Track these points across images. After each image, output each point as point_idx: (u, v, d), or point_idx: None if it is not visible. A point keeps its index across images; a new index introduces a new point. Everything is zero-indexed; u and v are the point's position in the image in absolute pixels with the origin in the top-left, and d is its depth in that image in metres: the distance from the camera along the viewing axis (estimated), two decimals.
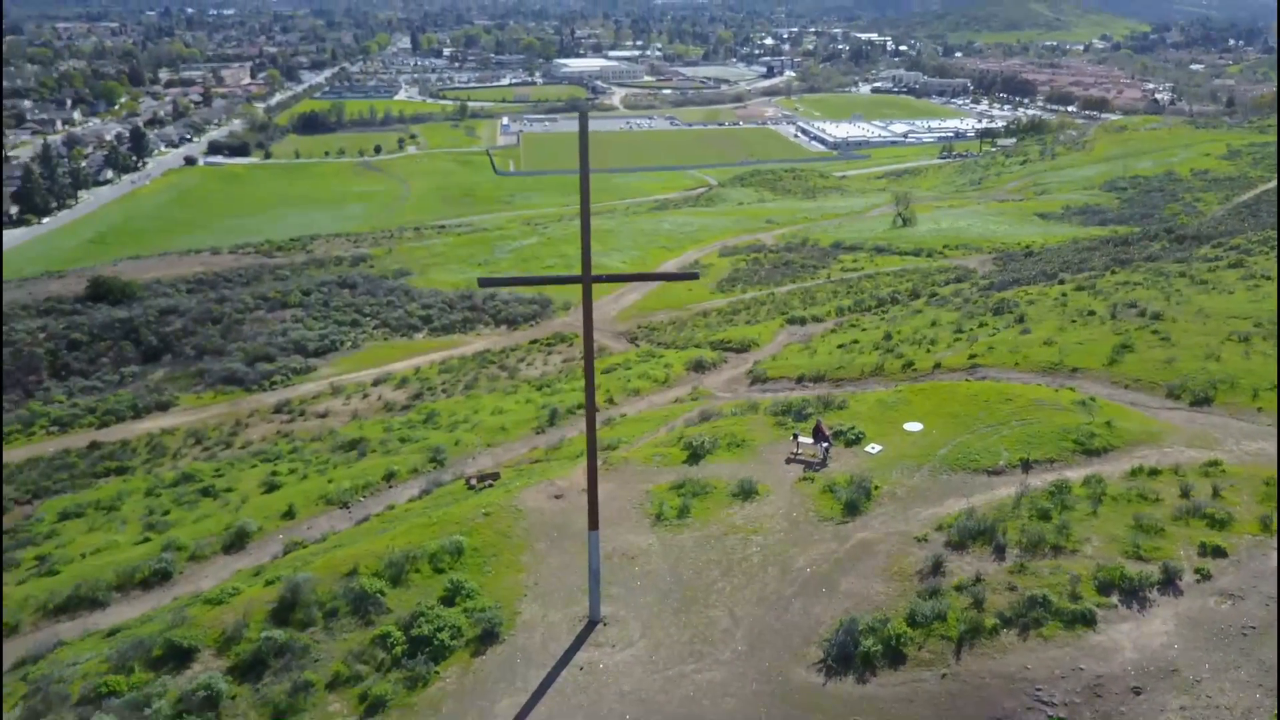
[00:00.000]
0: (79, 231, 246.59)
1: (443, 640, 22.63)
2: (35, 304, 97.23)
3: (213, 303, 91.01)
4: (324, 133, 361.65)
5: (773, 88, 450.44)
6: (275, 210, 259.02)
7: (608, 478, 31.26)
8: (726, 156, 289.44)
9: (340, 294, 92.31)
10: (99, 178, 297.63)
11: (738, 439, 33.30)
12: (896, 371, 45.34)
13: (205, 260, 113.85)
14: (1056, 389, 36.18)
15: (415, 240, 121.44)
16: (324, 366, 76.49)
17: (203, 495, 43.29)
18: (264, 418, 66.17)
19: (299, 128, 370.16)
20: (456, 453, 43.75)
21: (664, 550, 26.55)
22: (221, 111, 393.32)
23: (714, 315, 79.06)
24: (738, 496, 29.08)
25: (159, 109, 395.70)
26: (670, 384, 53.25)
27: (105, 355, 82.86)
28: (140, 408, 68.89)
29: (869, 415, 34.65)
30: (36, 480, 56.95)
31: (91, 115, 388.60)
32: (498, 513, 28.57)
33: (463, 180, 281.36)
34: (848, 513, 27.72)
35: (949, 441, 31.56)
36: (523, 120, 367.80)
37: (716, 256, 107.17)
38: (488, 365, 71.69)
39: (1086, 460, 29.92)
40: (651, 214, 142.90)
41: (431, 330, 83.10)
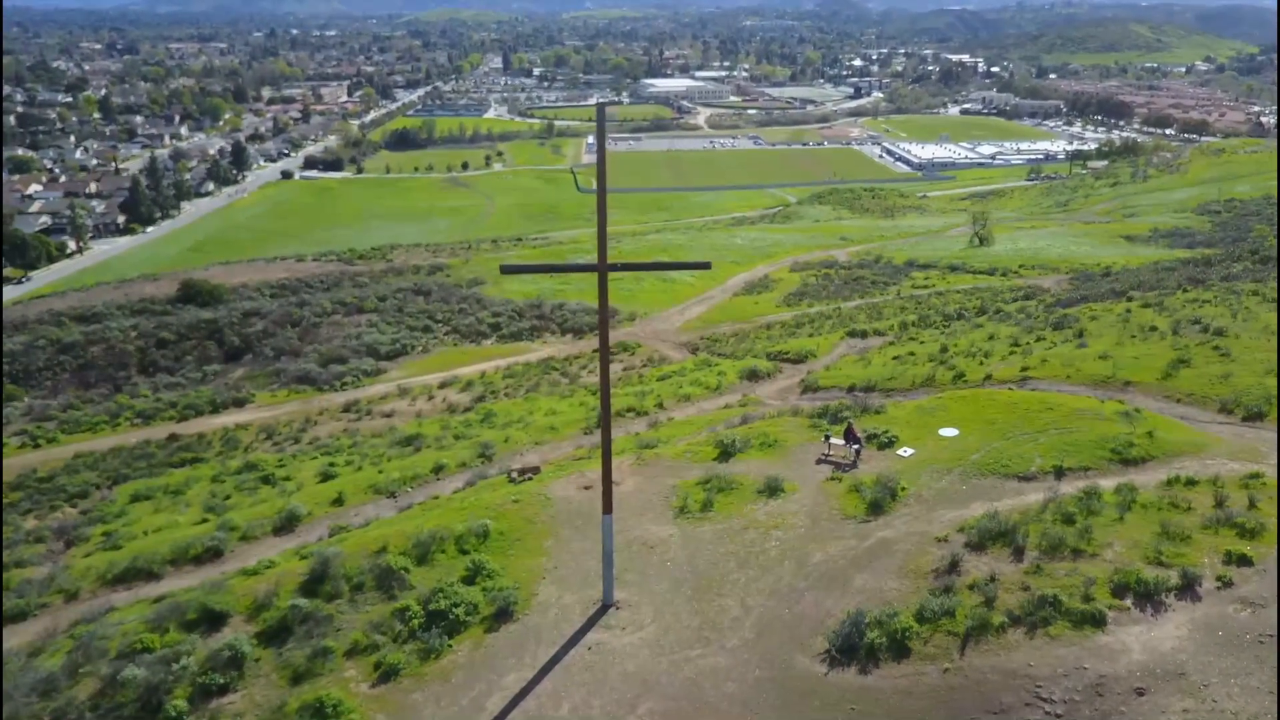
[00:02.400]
0: (180, 240, 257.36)
1: (458, 616, 23.38)
2: (130, 304, 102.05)
3: (293, 306, 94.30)
4: (415, 149, 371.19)
5: (859, 109, 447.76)
6: (364, 223, 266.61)
7: (638, 472, 31.77)
8: (808, 176, 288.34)
9: (414, 300, 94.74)
10: (200, 190, 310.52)
11: (770, 439, 33.50)
12: (947, 383, 44.89)
13: (290, 266, 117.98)
14: (1103, 400, 35.51)
15: (492, 252, 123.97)
16: (394, 369, 78.54)
17: (263, 483, 45.07)
18: (333, 416, 68.26)
19: (391, 144, 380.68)
20: (505, 449, 44.72)
21: (683, 541, 26.92)
22: (318, 128, 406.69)
23: (778, 328, 79.01)
24: (763, 493, 29.30)
25: (260, 125, 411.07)
26: (722, 391, 53.53)
27: (190, 354, 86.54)
28: (218, 403, 71.62)
29: (905, 420, 34.52)
30: (117, 467, 59.71)
31: (197, 130, 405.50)
32: (527, 500, 29.31)
33: (546, 197, 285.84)
34: (871, 512, 27.73)
35: (983, 447, 31.28)
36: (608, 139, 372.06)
37: (787, 271, 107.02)
38: (550, 371, 72.80)
39: (1122, 469, 29.37)
40: (726, 229, 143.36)
41: (500, 337, 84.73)
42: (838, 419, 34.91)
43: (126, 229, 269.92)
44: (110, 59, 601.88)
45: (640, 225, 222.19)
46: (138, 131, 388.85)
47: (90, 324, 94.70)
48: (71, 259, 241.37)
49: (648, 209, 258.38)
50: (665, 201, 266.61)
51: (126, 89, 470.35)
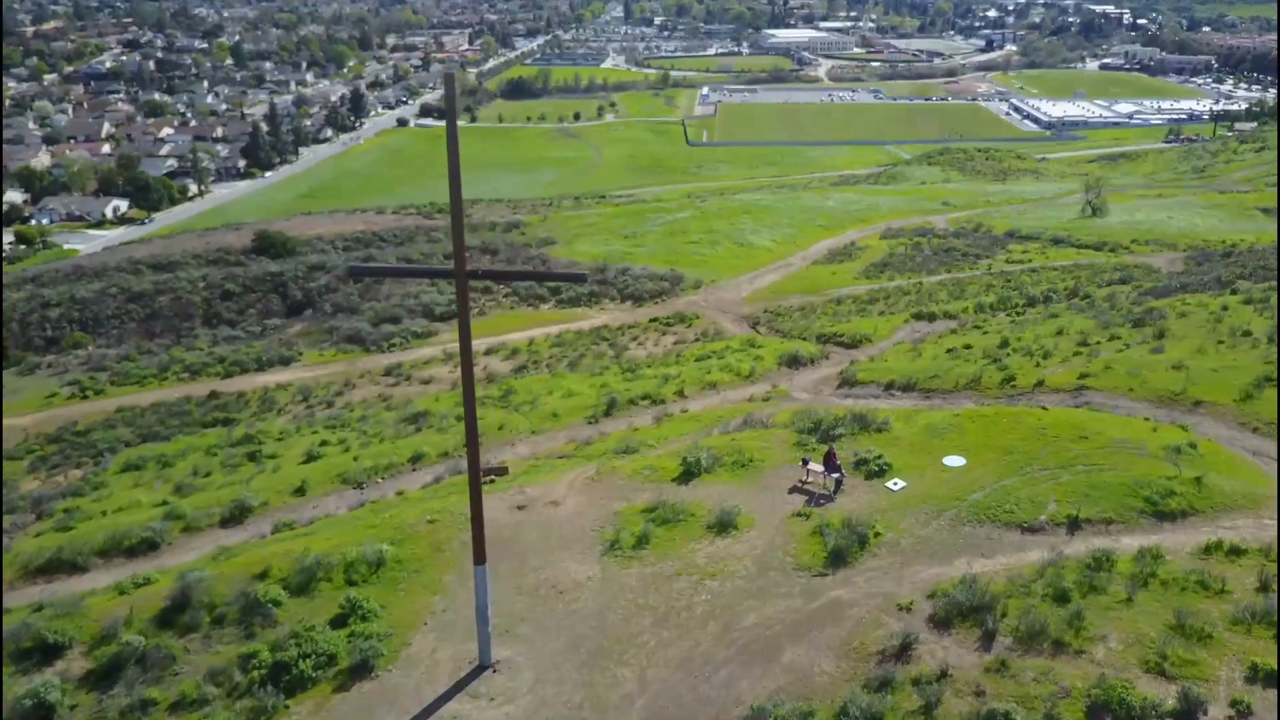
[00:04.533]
0: (294, 186, 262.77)
1: (304, 671, 20.12)
2: (206, 254, 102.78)
3: (358, 261, 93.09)
4: (529, 98, 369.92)
5: (989, 62, 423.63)
6: (472, 172, 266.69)
7: (585, 490, 27.90)
8: (928, 133, 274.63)
9: (480, 260, 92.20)
10: (319, 136, 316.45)
11: (746, 458, 29.09)
12: (994, 386, 39.37)
13: (368, 219, 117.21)
14: (1156, 427, 29.70)
15: (572, 210, 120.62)
16: (446, 331, 76.23)
17: (249, 459, 43.02)
18: (372, 380, 66.41)
19: (506, 93, 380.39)
20: (498, 437, 41.47)
21: (601, 586, 23.03)
22: (436, 76, 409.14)
23: (848, 303, 73.38)
24: (712, 529, 25.08)
25: (381, 73, 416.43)
26: (755, 379, 48.95)
27: (254, 306, 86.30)
28: (263, 361, 70.60)
29: (908, 442, 29.54)
30: (152, 424, 59.07)
31: (322, 77, 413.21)
32: (443, 521, 25.84)
33: (654, 149, 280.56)
34: (831, 563, 23.25)
35: (990, 484, 26.21)
36: (722, 90, 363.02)
37: (877, 238, 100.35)
38: (600, 342, 69.27)
39: (1154, 525, 23.98)
40: (820, 190, 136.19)
41: (558, 302, 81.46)
42: (831, 436, 30.15)
43: (246, 173, 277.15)
44: (247, 5, 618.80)
45: (743, 180, 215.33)
46: (266, 78, 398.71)
47: (164, 273, 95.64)
48: (192, 201, 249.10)
49: (756, 163, 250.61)
50: (775, 156, 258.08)
51: (259, 35, 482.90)
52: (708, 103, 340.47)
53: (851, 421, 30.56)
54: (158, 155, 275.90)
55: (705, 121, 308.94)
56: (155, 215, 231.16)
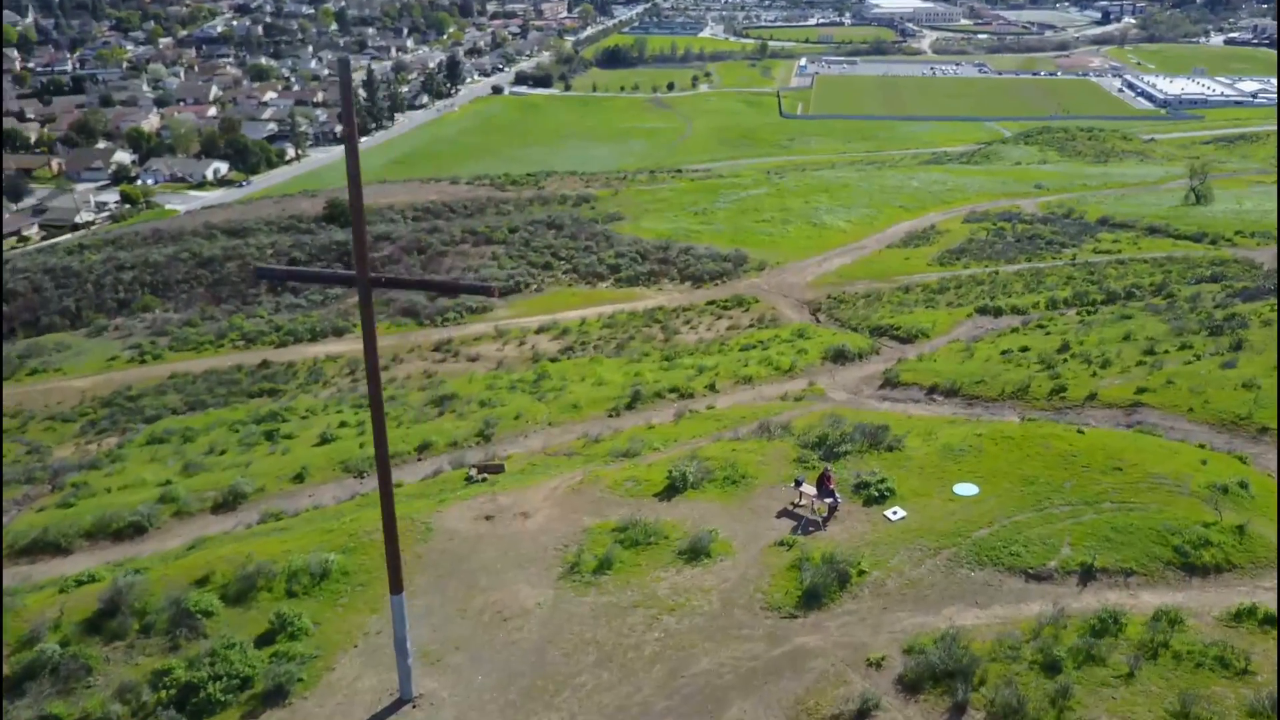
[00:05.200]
0: (387, 152, 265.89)
1: (212, 694, 18.83)
2: (279, 221, 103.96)
3: (424, 232, 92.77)
4: (624, 67, 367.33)
5: (1105, 35, 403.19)
6: (561, 142, 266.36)
7: (562, 502, 26.07)
8: (1033, 109, 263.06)
9: (544, 235, 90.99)
10: (414, 102, 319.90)
11: (738, 473, 26.80)
12: (1041, 397, 36.15)
13: (442, 189, 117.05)
14: (1205, 458, 26.36)
15: (646, 184, 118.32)
16: (501, 307, 75.24)
17: (266, 438, 42.44)
18: (420, 355, 65.94)
19: (602, 62, 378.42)
20: (513, 428, 39.94)
21: (549, 615, 21.22)
22: (534, 43, 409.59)
23: (916, 292, 69.74)
24: (683, 555, 22.99)
25: (479, 40, 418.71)
26: (794, 374, 46.34)
27: None
28: (317, 332, 70.72)
29: (920, 464, 26.83)
30: (201, 392, 59.55)
31: (422, 43, 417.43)
32: (402, 529, 24.22)
33: (746, 121, 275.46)
34: (804, 603, 20.97)
35: (1000, 519, 23.48)
36: (820, 62, 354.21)
37: (959, 222, 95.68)
38: (652, 324, 67.40)
39: (1181, 580, 21.02)
40: (905, 169, 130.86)
41: (617, 280, 79.71)
42: (835, 454, 27.61)
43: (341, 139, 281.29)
44: None
45: (834, 155, 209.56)
46: (368, 43, 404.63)
47: (236, 239, 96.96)
48: (289, 165, 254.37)
49: (850, 138, 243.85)
50: (871, 131, 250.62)
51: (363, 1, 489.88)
52: (805, 74, 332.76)
53: (861, 437, 27.97)
54: (260, 119, 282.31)
55: (801, 93, 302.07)
56: (253, 178, 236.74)
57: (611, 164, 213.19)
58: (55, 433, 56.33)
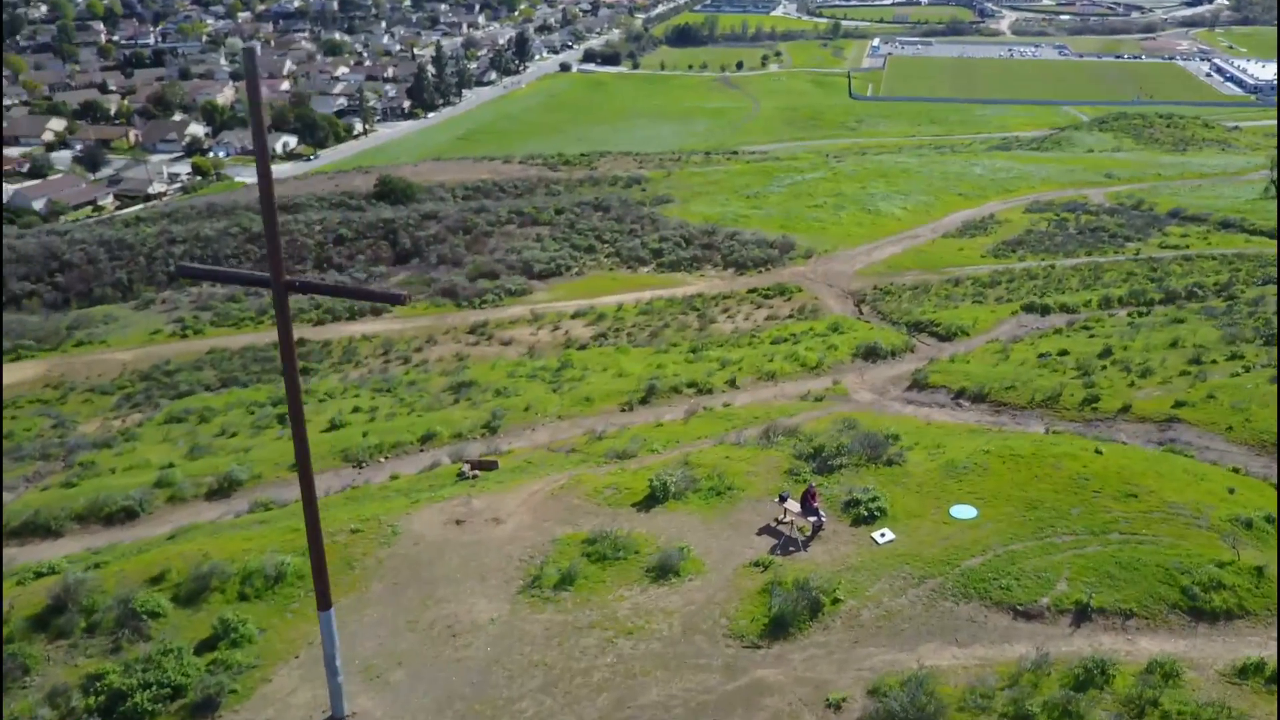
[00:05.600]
0: (453, 128, 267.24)
1: (140, 703, 18.19)
2: (330, 197, 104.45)
3: (471, 212, 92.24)
4: (694, 46, 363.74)
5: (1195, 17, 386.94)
6: (625, 121, 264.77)
7: (539, 508, 25.02)
8: (1113, 94, 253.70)
9: (590, 216, 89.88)
10: (482, 79, 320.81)
11: (725, 483, 25.43)
12: (1072, 406, 34.05)
13: (494, 168, 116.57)
14: (1233, 486, 24.25)
15: (700, 166, 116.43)
16: (541, 291, 74.50)
17: (279, 421, 42.18)
18: (454, 337, 65.46)
19: (671, 40, 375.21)
20: (520, 420, 39.06)
21: (502, 632, 20.21)
22: (604, 21, 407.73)
23: (965, 285, 67.18)
24: (651, 573, 21.77)
25: (550, 16, 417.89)
26: (820, 371, 44.65)
27: (364, 253, 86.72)
28: (355, 311, 70.62)
29: (919, 482, 25.14)
30: (235, 369, 59.82)
31: (493, 20, 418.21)
32: (368, 531, 23.54)
33: (814, 102, 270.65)
34: (770, 633, 19.63)
35: (996, 547, 21.80)
36: (894, 42, 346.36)
37: (1020, 211, 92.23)
38: (689, 312, 65.96)
39: (1185, 626, 19.18)
40: (969, 155, 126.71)
41: (658, 265, 78.28)
42: (829, 467, 26.04)
43: (410, 114, 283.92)
44: None
45: (902, 139, 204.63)
46: (440, 19, 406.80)
47: (287, 214, 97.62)
48: (356, 140, 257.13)
49: (919, 121, 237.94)
50: (941, 114, 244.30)
51: None
52: (877, 55, 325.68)
53: (859, 450, 26.35)
54: (330, 93, 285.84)
55: (872, 74, 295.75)
56: (321, 152, 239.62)
57: (675, 144, 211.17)
58: (93, 405, 56.98)
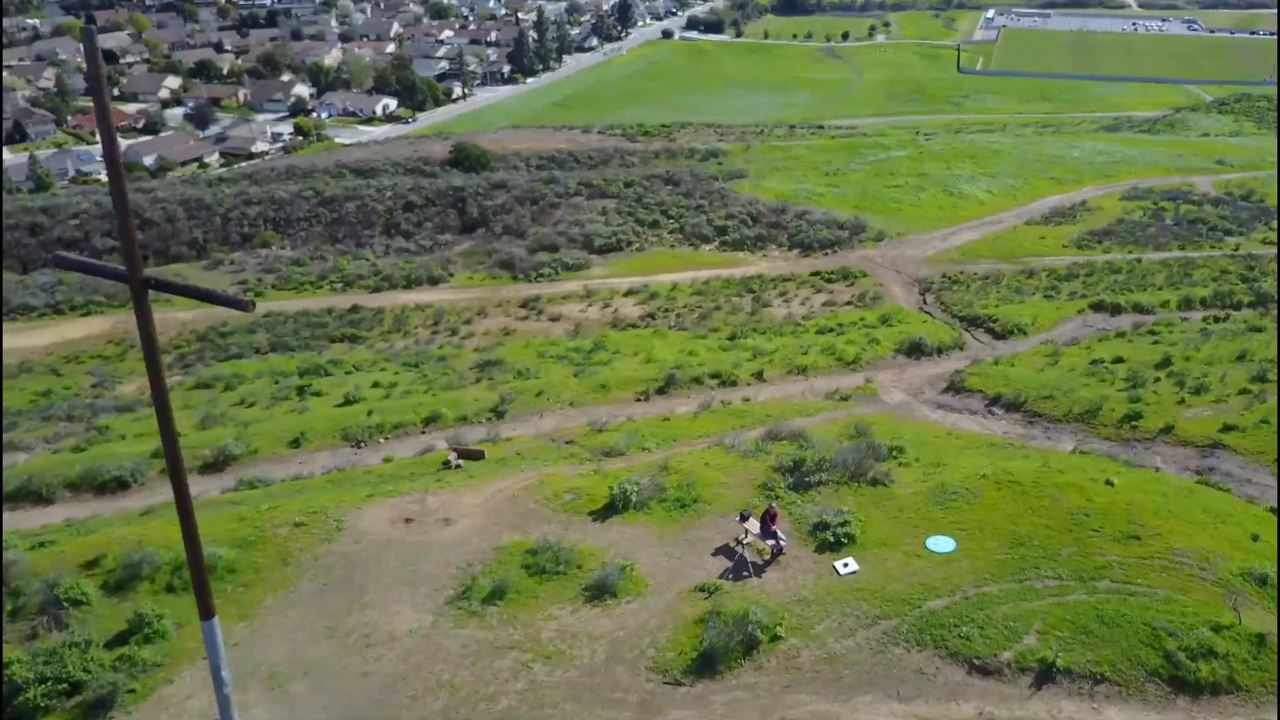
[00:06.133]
0: (550, 93, 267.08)
1: (33, 699, 17.72)
2: (406, 162, 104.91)
3: (540, 183, 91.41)
4: (801, 14, 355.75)
5: None
6: (723, 90, 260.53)
7: (495, 510, 23.84)
8: (1244, 73, 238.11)
9: (659, 190, 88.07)
10: (583, 44, 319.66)
11: (692, 494, 23.77)
12: (1111, 422, 31.25)
13: (571, 137, 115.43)
14: (1258, 534, 21.53)
15: (782, 140, 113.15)
16: (599, 266, 73.40)
17: (297, 393, 42.00)
18: (505, 310, 64.98)
19: (777, 8, 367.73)
20: (528, 406, 37.96)
21: (417, 646, 19.14)
22: None
23: (1040, 277, 63.35)
24: (588, 592, 20.37)
25: None
26: (857, 367, 42.35)
27: (431, 220, 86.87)
28: (411, 279, 70.78)
29: (900, 506, 23.05)
30: (287, 334, 60.49)
31: None
32: (312, 525, 22.73)
33: (919, 75, 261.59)
34: (697, 668, 18.08)
35: (966, 587, 19.71)
36: (1010, 14, 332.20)
37: (1115, 199, 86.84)
38: (745, 294, 64.01)
39: (1163, 699, 16.88)
40: (1070, 136, 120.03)
41: (722, 244, 76.21)
42: (805, 484, 24.09)
43: (510, 78, 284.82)
44: None
45: (1007, 115, 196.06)
46: None
47: (363, 179, 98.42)
48: (454, 104, 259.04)
49: (1029, 98, 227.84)
50: (1054, 90, 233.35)
51: None
52: (991, 27, 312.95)
53: (843, 465, 24.35)
54: (433, 56, 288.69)
55: (983, 47, 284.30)
56: (419, 115, 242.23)
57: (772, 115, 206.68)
58: None
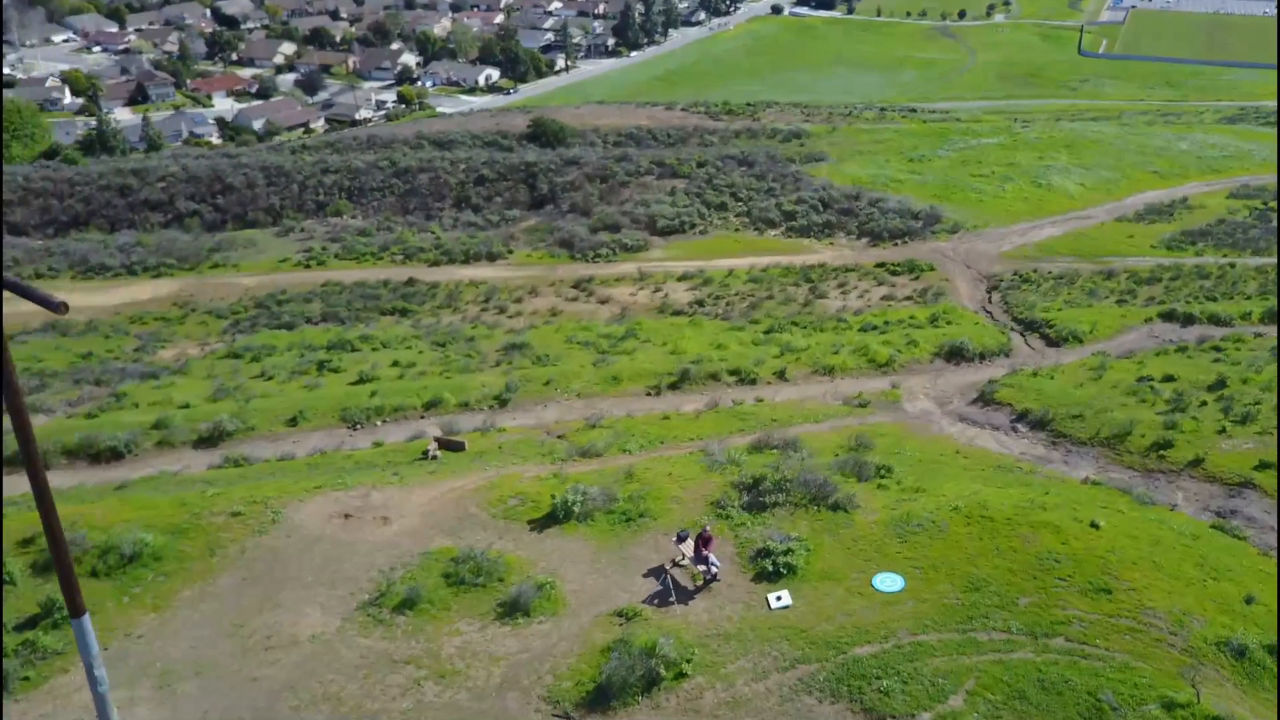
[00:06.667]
0: (653, 68, 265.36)
1: None
2: (485, 135, 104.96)
3: (612, 160, 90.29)
4: None
5: None
6: (828, 69, 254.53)
7: (431, 511, 23.01)
8: None
9: (732, 171, 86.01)
10: (690, 19, 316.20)
11: (639, 509, 22.44)
12: (1138, 449, 28.68)
13: (654, 114, 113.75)
14: (1251, 597, 19.12)
15: (870, 123, 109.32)
16: (658, 248, 72.26)
17: (316, 368, 42.01)
18: (557, 290, 64.55)
19: None
20: (533, 394, 37.13)
21: (316, 653, 18.47)
22: None
23: (1120, 279, 59.51)
24: (502, 608, 19.36)
25: None
26: (889, 370, 40.24)
27: (501, 195, 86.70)
28: (470, 255, 70.82)
29: (855, 536, 21.27)
30: (340, 304, 61.26)
31: None
32: (249, 515, 22.31)
33: (1036, 57, 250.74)
34: (589, 702, 16.94)
35: (902, 633, 17.98)
36: None
37: (1221, 196, 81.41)
38: (802, 284, 62.03)
39: None
40: (1183, 126, 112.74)
41: (788, 229, 74.02)
42: (759, 504, 22.43)
43: (614, 51, 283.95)
44: None
45: (1127, 102, 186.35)
46: None
47: (441, 150, 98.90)
48: (557, 76, 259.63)
49: (1152, 83, 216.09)
50: (1179, 76, 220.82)
51: None
52: (1119, 7, 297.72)
53: (805, 486, 22.67)
54: (539, 28, 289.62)
55: (1108, 29, 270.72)
56: (521, 86, 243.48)
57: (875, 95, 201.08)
58: (206, 327, 59.44)
